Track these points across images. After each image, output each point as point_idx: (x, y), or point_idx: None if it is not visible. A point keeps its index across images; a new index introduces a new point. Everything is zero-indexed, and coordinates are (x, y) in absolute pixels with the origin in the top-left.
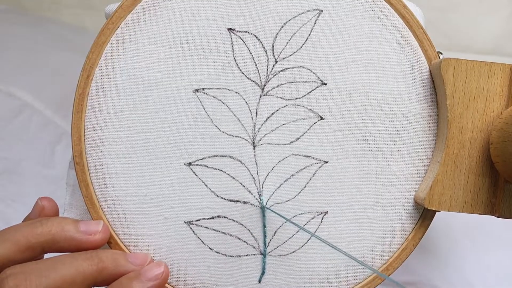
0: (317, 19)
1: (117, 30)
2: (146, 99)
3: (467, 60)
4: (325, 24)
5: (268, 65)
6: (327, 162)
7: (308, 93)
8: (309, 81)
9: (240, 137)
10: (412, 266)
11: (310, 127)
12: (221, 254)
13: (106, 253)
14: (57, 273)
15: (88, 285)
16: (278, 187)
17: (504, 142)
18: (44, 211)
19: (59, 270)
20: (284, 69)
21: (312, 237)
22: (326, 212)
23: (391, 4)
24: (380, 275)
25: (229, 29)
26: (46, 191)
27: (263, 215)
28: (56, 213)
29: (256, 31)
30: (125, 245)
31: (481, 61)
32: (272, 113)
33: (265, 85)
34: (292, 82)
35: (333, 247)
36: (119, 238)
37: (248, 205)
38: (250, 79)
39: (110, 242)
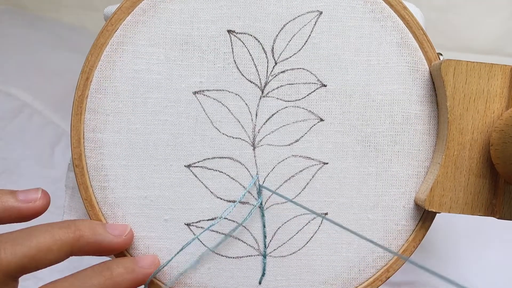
0: (317, 20)
1: (116, 32)
2: (145, 101)
3: (467, 61)
4: (325, 26)
5: (268, 66)
6: (327, 163)
7: (308, 95)
8: (309, 83)
9: (240, 138)
10: (412, 266)
11: (310, 129)
12: (221, 255)
13: (84, 222)
14: (32, 241)
15: (65, 253)
16: (278, 188)
17: (505, 143)
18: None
19: (34, 238)
20: (284, 71)
21: (311, 239)
22: (326, 213)
23: (391, 6)
24: (401, 257)
25: (229, 31)
26: (46, 191)
27: (263, 216)
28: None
29: (256, 32)
30: None
31: (481, 62)
32: (272, 115)
33: (265, 86)
34: (292, 84)
35: (346, 229)
36: None
37: (248, 206)
38: (250, 81)
39: None
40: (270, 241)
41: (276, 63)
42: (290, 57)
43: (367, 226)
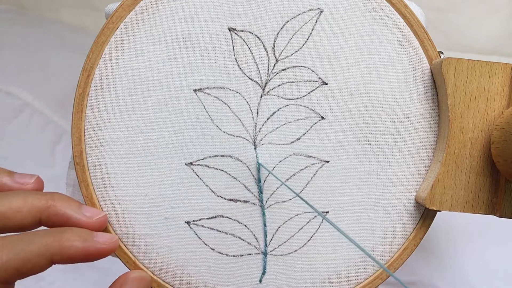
0: (318, 18)
1: (117, 30)
2: (146, 99)
3: (468, 59)
4: (326, 24)
5: (269, 64)
6: (328, 161)
7: (309, 93)
8: (310, 81)
9: (241, 137)
10: (412, 265)
11: (311, 127)
12: (222, 254)
13: (60, 195)
14: (5, 200)
15: (34, 218)
16: (279, 187)
17: (505, 141)
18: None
19: (9, 198)
20: (285, 69)
21: (312, 237)
22: (327, 212)
23: (392, 4)
24: (386, 270)
25: (230, 29)
26: (46, 190)
27: (263, 214)
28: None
29: (257, 30)
30: (125, 246)
31: (482, 61)
32: (273, 113)
33: (266, 84)
34: (293, 82)
35: (342, 233)
36: (119, 238)
37: (248, 204)
38: (251, 79)
39: None
40: (271, 239)
41: (277, 61)
42: (291, 55)
43: (368, 224)
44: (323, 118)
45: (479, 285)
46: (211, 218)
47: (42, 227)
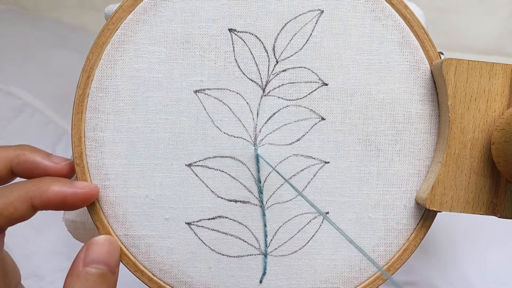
0: (318, 19)
1: (117, 31)
2: (146, 100)
3: (469, 60)
4: (326, 25)
5: (269, 65)
6: (328, 162)
7: (309, 94)
8: (310, 82)
9: (242, 137)
10: (412, 265)
11: (311, 128)
12: (222, 254)
13: (29, 146)
14: None
15: (5, 166)
16: (279, 187)
17: (506, 142)
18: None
19: None
20: (285, 70)
21: (312, 238)
22: (327, 213)
23: (392, 4)
24: (384, 273)
25: (230, 30)
26: None
27: (264, 214)
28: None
29: (257, 31)
30: (125, 247)
31: (482, 61)
32: (273, 114)
33: (266, 85)
34: (293, 83)
35: (342, 233)
36: (119, 240)
37: (248, 205)
38: (251, 80)
39: None
40: (271, 240)
41: (277, 62)
42: (292, 55)
43: (368, 225)
44: (323, 119)
45: (479, 285)
46: (211, 218)
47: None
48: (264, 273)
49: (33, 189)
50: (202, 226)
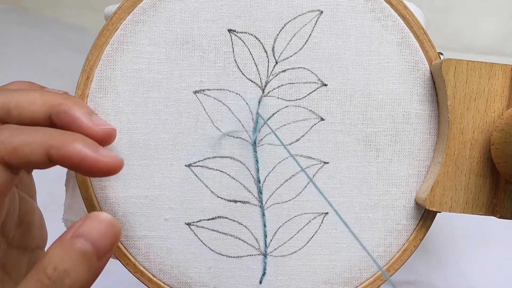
0: (317, 20)
1: (116, 32)
2: (146, 101)
3: (468, 60)
4: (326, 25)
5: (268, 66)
6: (328, 163)
7: (308, 94)
8: (310, 82)
9: (241, 138)
10: (412, 265)
11: (310, 128)
12: (222, 255)
13: (76, 99)
14: (24, 93)
15: (46, 111)
16: (278, 187)
17: (505, 142)
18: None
19: (27, 92)
20: (284, 70)
21: (312, 238)
22: (326, 213)
23: (391, 5)
24: (384, 273)
25: (230, 30)
26: (46, 190)
27: (263, 215)
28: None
29: (257, 32)
30: (125, 247)
31: (481, 62)
32: (273, 114)
33: (265, 86)
34: (293, 83)
35: (348, 228)
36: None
37: (248, 205)
38: (251, 80)
39: None
40: (271, 240)
41: (276, 63)
42: (291, 56)
43: (368, 225)
44: (322, 119)
45: (479, 285)
46: (211, 219)
47: None
48: (263, 274)
49: (56, 138)
50: (202, 227)
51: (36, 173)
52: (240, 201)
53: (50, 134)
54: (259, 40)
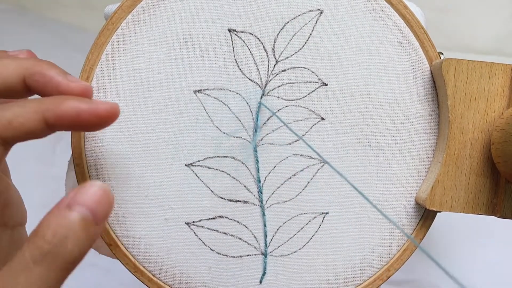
0: (317, 19)
1: (116, 31)
2: (146, 100)
3: (468, 60)
4: (326, 25)
5: (269, 65)
6: (328, 162)
7: (308, 94)
8: (310, 82)
9: (241, 137)
10: (412, 264)
11: (310, 128)
12: (222, 254)
13: (48, 62)
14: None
15: (19, 74)
16: (279, 187)
17: (506, 142)
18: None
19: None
20: (285, 70)
21: (312, 238)
22: (326, 213)
23: (391, 5)
24: (412, 240)
25: (230, 30)
26: (46, 190)
27: (263, 214)
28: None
29: (257, 31)
30: (125, 247)
31: (482, 61)
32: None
33: (266, 85)
34: (293, 83)
35: (360, 193)
36: (119, 240)
37: (248, 205)
38: (251, 80)
39: (110, 244)
40: (271, 240)
41: (277, 62)
42: (291, 56)
43: (368, 225)
44: (323, 119)
45: (479, 285)
46: (211, 219)
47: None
48: (264, 273)
49: (48, 102)
50: (202, 226)
51: (36, 174)
52: (240, 201)
53: (41, 101)
54: (259, 40)
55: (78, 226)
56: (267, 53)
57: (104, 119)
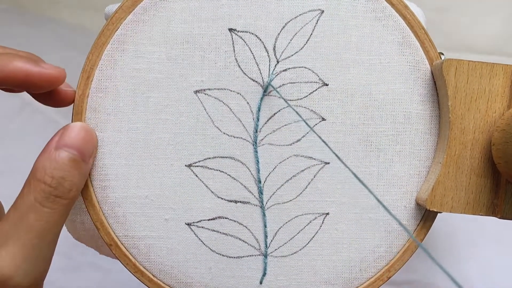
0: (318, 19)
1: (117, 31)
2: (146, 100)
3: (469, 60)
4: (327, 25)
5: (269, 65)
6: (329, 163)
7: (309, 94)
8: (311, 82)
9: (242, 138)
10: (412, 265)
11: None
12: (222, 255)
13: (16, 52)
14: None
15: None
16: (279, 188)
17: (506, 143)
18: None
19: None
20: (285, 69)
21: (313, 239)
22: (327, 213)
23: (392, 5)
24: (413, 238)
25: (230, 29)
26: None
27: (264, 215)
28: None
29: (257, 31)
30: (125, 248)
31: (482, 62)
32: (274, 114)
33: (267, 85)
34: (294, 83)
35: (360, 182)
36: (119, 240)
37: (248, 205)
38: (252, 79)
39: (110, 245)
40: (271, 241)
41: (278, 62)
42: (292, 55)
43: (369, 225)
44: (323, 119)
45: (479, 285)
46: (211, 219)
47: None
48: (264, 274)
49: None
50: (202, 227)
51: None
52: (240, 202)
53: None
54: (260, 39)
55: (70, 166)
56: (268, 53)
57: (51, 81)
